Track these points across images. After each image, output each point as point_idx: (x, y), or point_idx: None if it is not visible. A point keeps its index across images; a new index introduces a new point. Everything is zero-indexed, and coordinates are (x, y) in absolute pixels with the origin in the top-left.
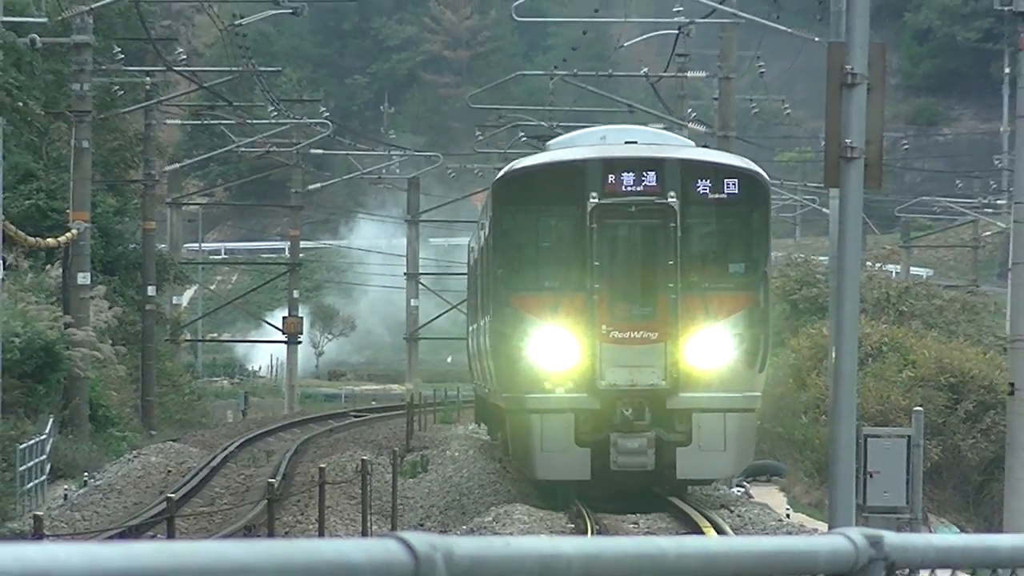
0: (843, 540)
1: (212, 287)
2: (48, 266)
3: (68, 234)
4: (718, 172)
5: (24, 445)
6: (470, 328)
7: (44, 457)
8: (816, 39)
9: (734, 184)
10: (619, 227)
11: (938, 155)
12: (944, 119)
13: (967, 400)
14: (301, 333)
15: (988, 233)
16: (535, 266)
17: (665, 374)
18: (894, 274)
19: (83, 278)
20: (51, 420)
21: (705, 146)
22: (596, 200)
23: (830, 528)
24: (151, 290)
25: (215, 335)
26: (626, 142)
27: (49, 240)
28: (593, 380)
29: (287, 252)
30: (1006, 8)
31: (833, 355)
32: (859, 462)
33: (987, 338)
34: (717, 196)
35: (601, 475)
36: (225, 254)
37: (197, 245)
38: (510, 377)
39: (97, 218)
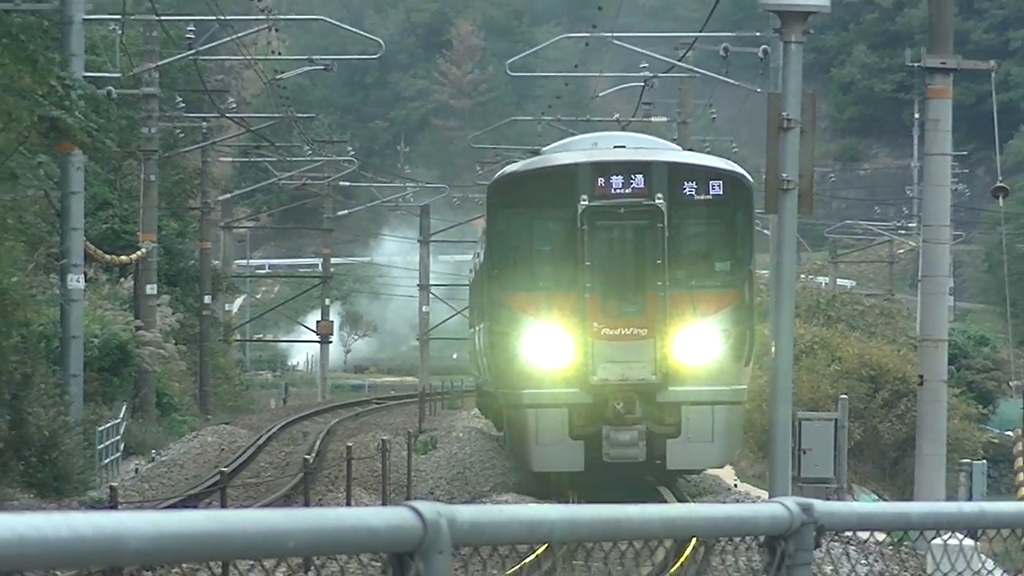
0: (780, 507)
1: (258, 296)
2: (122, 279)
3: (138, 252)
4: (703, 174)
5: (102, 427)
6: (472, 330)
7: (119, 437)
8: (758, 90)
9: (719, 185)
10: (609, 228)
11: (859, 186)
12: (864, 156)
13: (884, 389)
14: (332, 334)
15: (901, 251)
16: (529, 266)
17: (655, 369)
18: (823, 284)
19: (150, 289)
20: (124, 407)
21: (691, 150)
22: (586, 202)
23: (770, 497)
24: (207, 299)
25: (260, 336)
26: (615, 147)
27: (122, 257)
28: (586, 375)
29: (320, 267)
30: (915, 64)
31: (773, 352)
32: (795, 441)
33: (900, 338)
34: (703, 197)
35: (594, 467)
36: (268, 269)
37: (245, 261)
38: (506, 373)
39: (162, 239)
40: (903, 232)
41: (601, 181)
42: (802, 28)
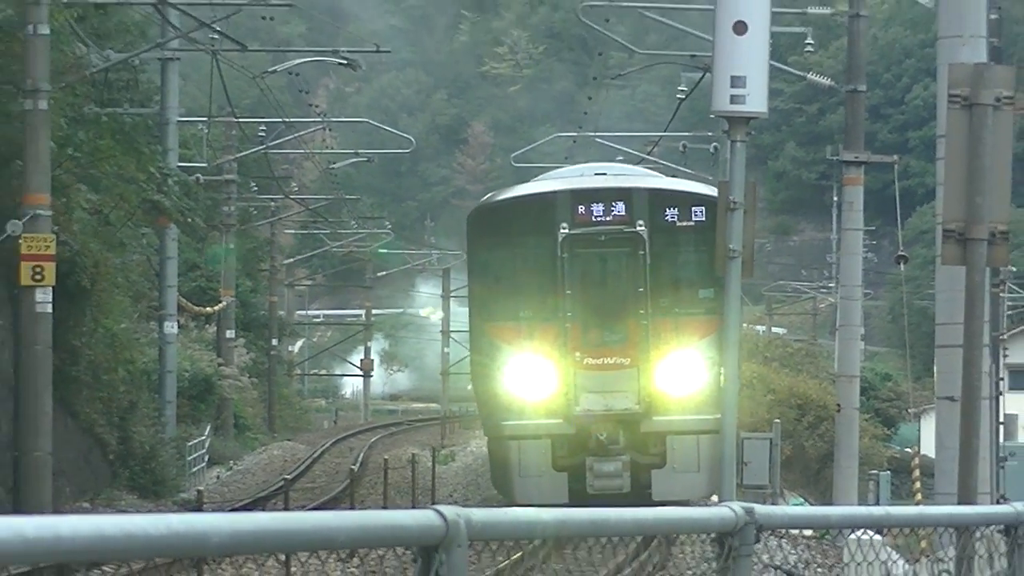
0: (727, 510)
1: (314, 339)
2: (207, 326)
3: (220, 305)
4: (685, 200)
5: (191, 443)
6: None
7: (204, 451)
8: (710, 178)
9: (701, 212)
10: (590, 256)
11: (790, 255)
12: (794, 231)
13: (809, 415)
14: (372, 370)
15: (823, 305)
16: (510, 296)
17: (638, 398)
18: (761, 332)
19: (230, 334)
20: (208, 426)
21: (673, 176)
22: (567, 230)
23: (720, 501)
24: (274, 341)
25: (315, 371)
26: (596, 174)
27: (207, 309)
28: (568, 406)
29: (363, 316)
30: (834, 158)
31: (722, 384)
32: (739, 455)
33: (822, 374)
34: (685, 223)
35: (578, 498)
36: (322, 318)
37: (304, 312)
38: (488, 404)
39: (239, 294)
40: (824, 290)
41: (582, 209)
42: (745, 130)
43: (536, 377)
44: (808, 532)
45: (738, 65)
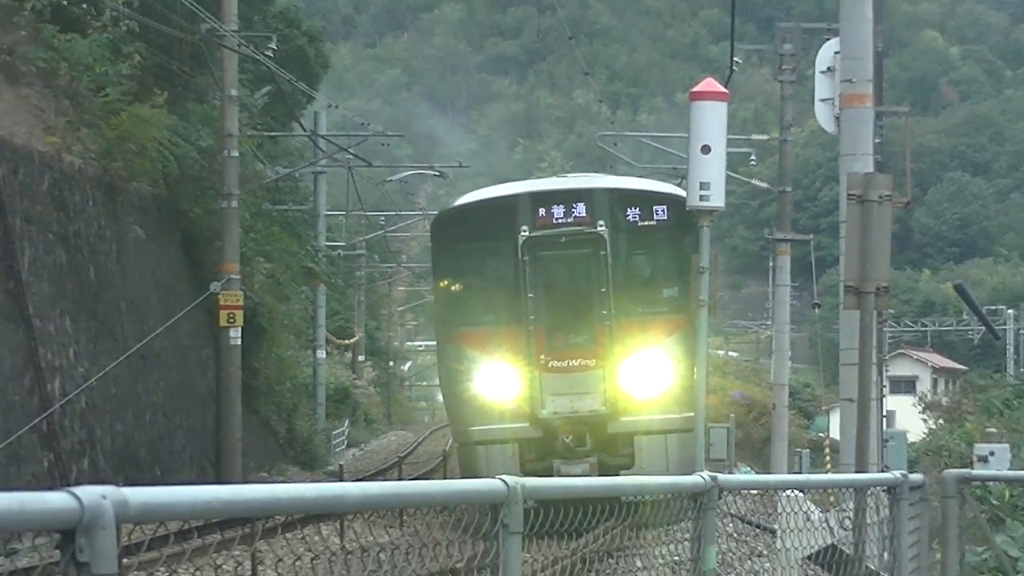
0: (700, 478)
1: (418, 361)
2: (345, 352)
3: (354, 339)
4: (646, 199)
5: (335, 432)
6: None
7: (344, 437)
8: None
9: (662, 211)
10: (551, 258)
11: (740, 302)
12: (743, 286)
13: (754, 411)
14: None
15: (763, 336)
16: (474, 302)
17: (604, 400)
18: (721, 355)
19: (361, 358)
20: (347, 421)
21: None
22: (527, 233)
23: (693, 472)
24: (391, 363)
25: (419, 383)
26: (556, 176)
27: (346, 341)
28: (534, 409)
29: None
30: (770, 236)
31: (694, 384)
32: (706, 440)
33: (763, 383)
34: (647, 223)
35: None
36: (424, 347)
37: (412, 342)
38: (456, 411)
39: (367, 331)
40: (764, 326)
41: (542, 211)
42: (709, 218)
43: (501, 382)
44: (754, 492)
45: (704, 174)
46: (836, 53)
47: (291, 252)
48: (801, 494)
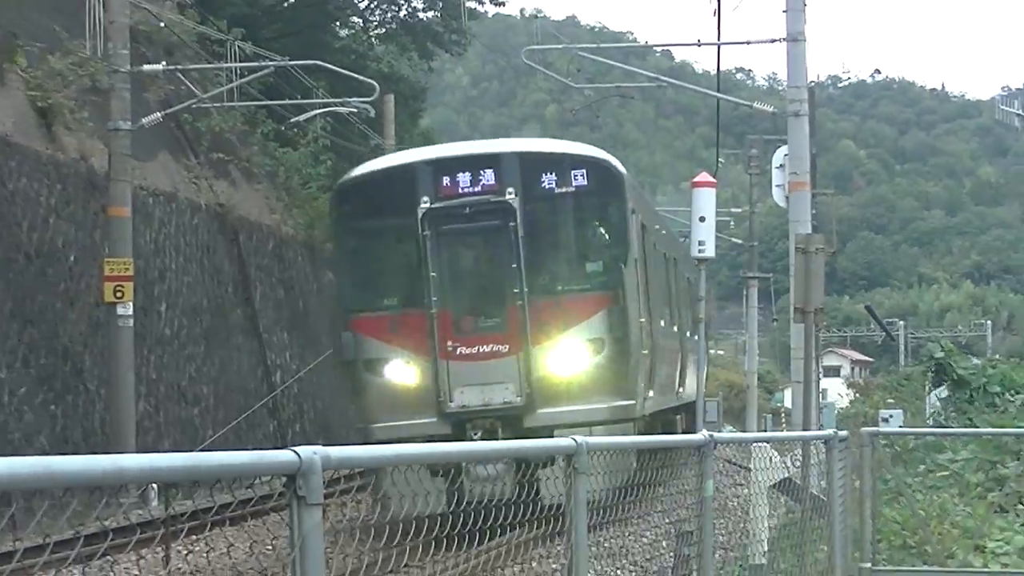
0: (702, 436)
1: None
2: None
3: None
4: (564, 163)
5: None
6: None
7: None
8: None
9: (582, 175)
10: (455, 232)
11: (726, 320)
12: (727, 308)
13: (734, 390)
14: None
15: (741, 340)
16: (373, 283)
17: (520, 390)
18: (712, 353)
19: None
20: None
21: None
22: (428, 204)
23: (697, 431)
24: None
25: None
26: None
27: None
28: (441, 403)
29: None
30: (744, 275)
31: (697, 381)
32: (704, 408)
33: (740, 371)
34: (564, 189)
35: (457, 505)
36: None
37: None
38: (356, 405)
39: None
40: (741, 334)
41: (446, 180)
42: (705, 264)
43: (404, 373)
44: (736, 444)
45: (702, 235)
46: (785, 155)
47: None
48: (767, 445)
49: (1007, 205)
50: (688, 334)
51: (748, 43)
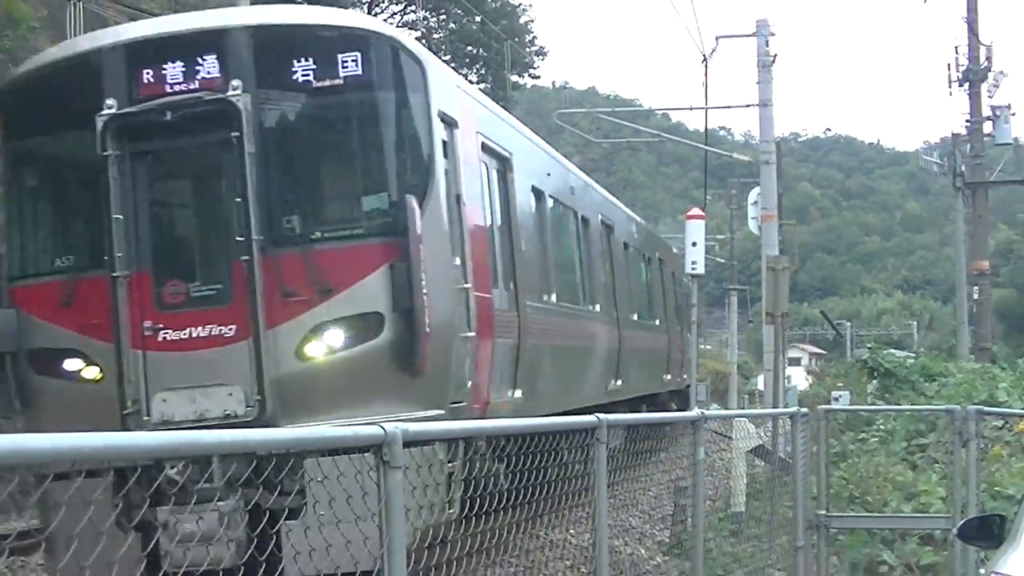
0: (695, 413)
1: None
2: None
3: None
4: (325, 42)
5: None
6: None
7: None
8: None
9: (355, 60)
10: (153, 152)
11: (715, 323)
12: (716, 313)
13: (719, 376)
14: None
15: (724, 337)
16: (45, 236)
17: (250, 396)
18: (702, 347)
19: None
20: None
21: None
22: (113, 110)
23: (689, 410)
24: None
25: None
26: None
27: None
28: (130, 418)
29: None
30: (726, 288)
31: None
32: (695, 393)
33: (724, 362)
34: (327, 82)
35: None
36: None
37: None
38: (27, 422)
39: None
40: (724, 332)
41: (147, 74)
42: (697, 280)
43: (77, 369)
44: (721, 419)
45: (694, 257)
46: (758, 194)
47: None
48: (745, 420)
49: (928, 232)
50: (680, 331)
51: (729, 107)
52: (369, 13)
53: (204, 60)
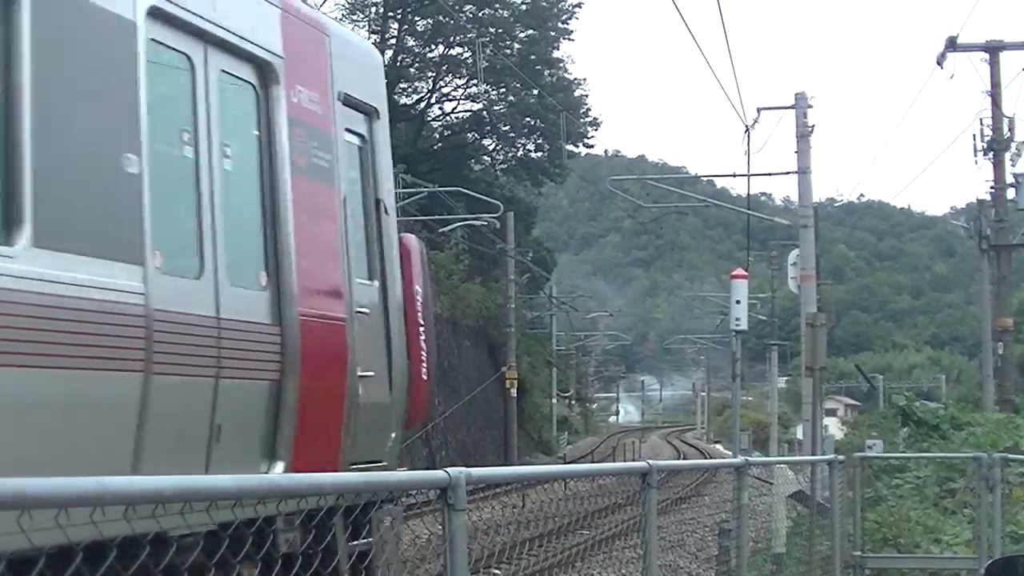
0: (739, 460)
1: (603, 400)
2: (564, 398)
3: (570, 392)
4: None
5: (561, 437)
6: None
7: (565, 440)
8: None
9: None
10: None
11: (754, 375)
12: (759, 365)
13: (760, 426)
14: (619, 411)
15: (765, 390)
16: None
17: None
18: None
19: (573, 401)
20: (565, 432)
21: None
22: None
23: (733, 456)
24: (588, 404)
25: (602, 412)
26: None
27: (565, 392)
28: None
29: (616, 394)
30: (768, 343)
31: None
32: (737, 443)
33: (765, 413)
34: None
35: None
36: (603, 394)
37: (598, 393)
38: None
39: (577, 388)
40: (766, 385)
41: None
42: (741, 337)
43: None
44: (762, 465)
45: (738, 314)
46: (797, 256)
47: (539, 352)
48: (785, 466)
49: (955, 292)
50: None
51: (770, 174)
52: (433, 87)
53: None
